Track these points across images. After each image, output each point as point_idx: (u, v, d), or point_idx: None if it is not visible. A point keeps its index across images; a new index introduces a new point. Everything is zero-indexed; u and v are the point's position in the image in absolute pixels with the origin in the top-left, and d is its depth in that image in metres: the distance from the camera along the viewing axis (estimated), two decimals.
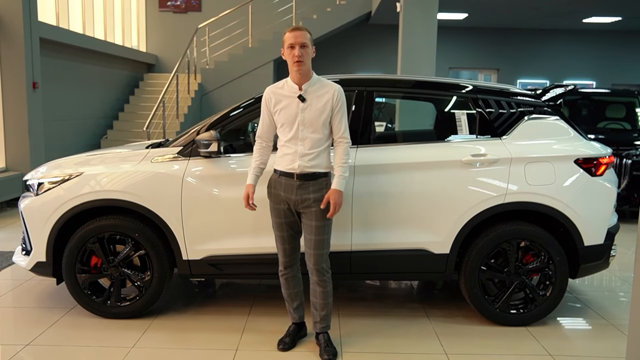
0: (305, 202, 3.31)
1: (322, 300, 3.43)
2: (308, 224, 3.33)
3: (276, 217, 3.42)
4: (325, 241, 3.36)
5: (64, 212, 3.86)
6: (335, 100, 3.32)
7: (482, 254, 3.82)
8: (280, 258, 3.49)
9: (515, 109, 4.00)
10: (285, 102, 3.32)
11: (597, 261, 3.95)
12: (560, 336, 3.84)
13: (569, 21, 14.18)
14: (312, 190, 3.30)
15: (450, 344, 3.66)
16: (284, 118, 3.31)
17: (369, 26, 14.55)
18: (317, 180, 3.32)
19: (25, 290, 4.56)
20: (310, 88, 3.32)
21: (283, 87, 3.38)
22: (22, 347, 3.55)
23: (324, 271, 3.39)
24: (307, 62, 3.29)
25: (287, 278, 3.52)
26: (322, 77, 3.43)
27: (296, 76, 3.30)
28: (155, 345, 3.59)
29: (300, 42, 3.24)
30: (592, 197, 3.87)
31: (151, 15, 14.09)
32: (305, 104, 3.29)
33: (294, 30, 3.28)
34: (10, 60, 7.99)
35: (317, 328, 3.50)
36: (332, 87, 3.35)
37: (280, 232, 3.44)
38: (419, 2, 8.60)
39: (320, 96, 3.31)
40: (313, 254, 3.35)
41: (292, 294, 3.56)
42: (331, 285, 3.45)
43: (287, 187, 3.33)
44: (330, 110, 3.31)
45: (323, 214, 3.31)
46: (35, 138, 8.37)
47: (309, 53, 3.29)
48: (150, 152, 4.01)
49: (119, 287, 3.97)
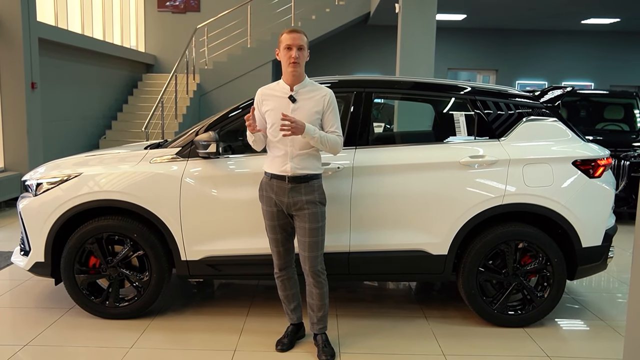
0: (297, 204, 3.31)
1: (319, 301, 3.43)
2: (301, 226, 3.33)
3: (269, 220, 3.42)
4: (320, 243, 3.36)
5: (63, 213, 3.86)
6: (327, 103, 3.34)
7: (480, 255, 3.82)
8: (275, 260, 3.49)
9: (513, 111, 4.01)
10: (276, 102, 3.33)
11: (595, 263, 3.96)
12: (558, 337, 3.85)
13: (568, 22, 14.20)
14: (304, 192, 3.31)
15: (448, 345, 3.67)
16: (274, 118, 3.30)
17: (367, 27, 14.55)
18: (309, 182, 3.33)
19: (24, 291, 4.56)
20: (302, 89, 3.33)
21: (275, 87, 3.40)
22: (20, 347, 3.55)
23: (319, 273, 3.39)
24: (302, 64, 3.32)
25: (282, 280, 3.53)
26: (313, 81, 3.46)
27: (290, 77, 3.32)
28: (154, 345, 3.60)
29: (297, 44, 3.26)
30: (590, 198, 3.88)
31: (150, 16, 14.08)
32: (296, 104, 3.30)
33: (292, 32, 3.30)
34: (9, 61, 7.98)
35: (314, 329, 3.51)
36: (324, 91, 3.37)
37: (273, 235, 3.43)
38: (418, 3, 8.61)
39: (310, 98, 3.33)
40: (308, 256, 3.35)
41: (289, 296, 3.56)
42: (327, 287, 3.45)
43: (279, 190, 3.33)
44: (321, 112, 3.33)
45: (317, 217, 3.31)
46: (33, 138, 8.36)
47: (305, 56, 3.32)
48: (148, 152, 4.01)
49: (118, 287, 3.97)
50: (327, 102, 3.34)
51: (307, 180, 3.32)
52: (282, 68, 3.34)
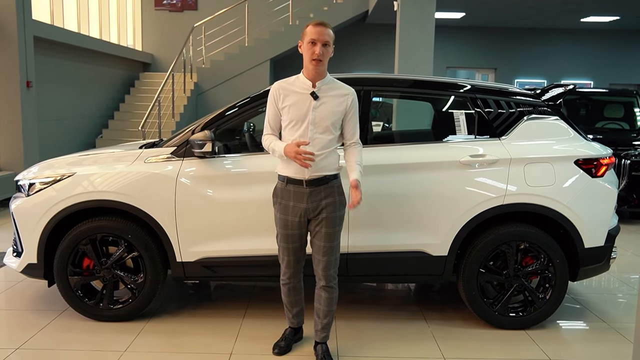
0: (317, 208, 3.17)
1: (326, 307, 3.30)
2: (318, 230, 3.19)
3: (282, 228, 3.25)
4: (335, 247, 3.24)
5: (56, 213, 3.79)
6: (349, 104, 3.18)
7: (480, 256, 3.76)
8: (283, 268, 3.35)
9: (514, 109, 3.94)
10: (296, 98, 3.14)
11: (598, 264, 3.90)
12: (560, 340, 3.79)
13: (567, 20, 14.16)
14: (324, 195, 3.16)
15: (448, 347, 3.61)
16: (293, 115, 3.13)
17: (365, 25, 14.51)
18: (328, 184, 3.17)
19: (16, 293, 4.49)
20: (324, 86, 3.16)
21: (294, 82, 3.19)
22: (12, 350, 3.48)
23: (331, 277, 3.27)
24: (325, 61, 3.12)
25: (289, 287, 3.40)
26: (335, 78, 3.27)
27: (312, 73, 3.13)
28: (149, 349, 3.53)
29: (323, 40, 3.06)
30: (593, 198, 3.82)
31: (147, 14, 14.01)
32: (318, 101, 3.12)
33: (317, 26, 3.08)
34: (4, 59, 7.91)
35: (317, 337, 3.38)
36: (346, 89, 3.21)
37: (285, 244, 3.27)
38: (417, 1, 8.56)
39: (333, 96, 3.16)
40: (323, 260, 3.23)
41: (293, 302, 3.45)
42: (337, 293, 3.33)
43: (297, 196, 3.17)
44: (344, 112, 3.17)
45: (334, 221, 3.18)
46: (29, 137, 8.29)
47: (329, 53, 3.12)
48: (143, 152, 3.94)
49: (112, 289, 3.90)
50: (350, 102, 3.18)
51: (326, 182, 3.17)
52: (304, 62, 3.13)
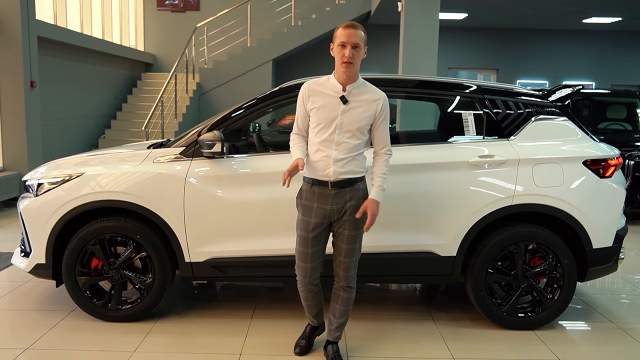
0: (341, 210, 3.11)
1: (343, 306, 3.29)
2: (341, 232, 3.16)
3: (302, 231, 3.18)
4: (357, 249, 3.23)
5: (64, 214, 3.79)
6: (380, 109, 3.10)
7: (489, 256, 3.76)
8: (300, 277, 3.28)
9: (522, 110, 3.94)
10: (325, 101, 3.08)
11: (606, 264, 3.90)
12: (568, 340, 3.80)
13: (569, 21, 14.16)
14: (349, 197, 3.10)
15: (457, 347, 3.61)
16: (321, 117, 3.07)
17: (368, 26, 14.41)
18: (354, 186, 3.12)
19: (24, 293, 4.49)
20: (355, 90, 3.08)
21: (324, 84, 3.13)
22: (21, 351, 3.48)
23: (352, 278, 3.26)
24: (357, 64, 3.04)
25: (306, 291, 3.34)
26: (367, 82, 3.19)
27: (342, 77, 3.06)
28: (157, 349, 3.53)
29: (352, 42, 2.98)
30: (601, 199, 3.82)
31: (149, 14, 14.01)
32: (347, 106, 3.05)
33: (347, 28, 3.00)
34: (8, 59, 7.91)
35: (330, 336, 3.37)
36: (377, 94, 3.12)
37: (303, 248, 3.19)
38: (421, 2, 8.57)
39: (364, 101, 3.08)
40: (344, 261, 3.21)
41: (312, 305, 3.40)
42: (355, 293, 3.32)
43: (322, 197, 3.11)
44: (372, 117, 3.09)
45: (357, 223, 3.14)
46: (32, 137, 8.29)
47: (361, 55, 3.04)
48: (152, 152, 3.94)
49: (120, 289, 3.90)
50: (380, 108, 3.10)
51: (351, 184, 3.12)
52: (335, 65, 3.07)
